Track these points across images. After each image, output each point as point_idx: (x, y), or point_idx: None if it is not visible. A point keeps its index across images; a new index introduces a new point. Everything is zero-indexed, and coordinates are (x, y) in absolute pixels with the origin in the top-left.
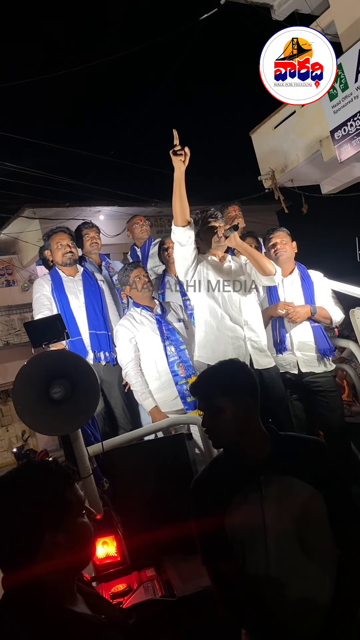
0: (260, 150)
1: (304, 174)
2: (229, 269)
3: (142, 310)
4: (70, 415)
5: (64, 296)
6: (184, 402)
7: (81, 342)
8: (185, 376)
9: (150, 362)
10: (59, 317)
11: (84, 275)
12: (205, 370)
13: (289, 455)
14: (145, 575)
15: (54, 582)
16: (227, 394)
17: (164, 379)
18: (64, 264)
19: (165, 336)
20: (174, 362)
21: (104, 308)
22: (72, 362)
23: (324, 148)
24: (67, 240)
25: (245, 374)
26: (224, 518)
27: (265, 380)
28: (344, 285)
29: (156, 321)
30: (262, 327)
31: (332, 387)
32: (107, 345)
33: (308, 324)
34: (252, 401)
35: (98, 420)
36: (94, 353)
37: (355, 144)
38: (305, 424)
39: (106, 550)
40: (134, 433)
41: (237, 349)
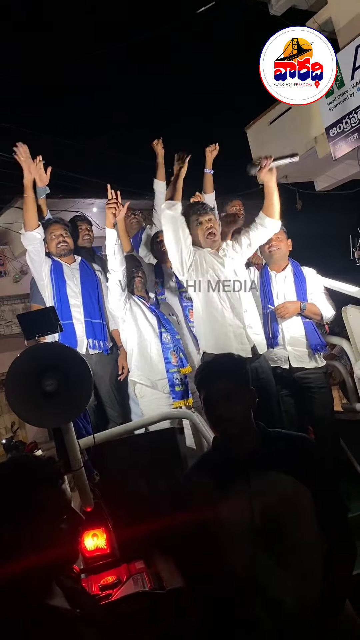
0: (255, 145)
1: (298, 170)
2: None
3: (137, 298)
4: (63, 407)
5: (61, 279)
6: (172, 390)
7: (71, 326)
8: (177, 365)
9: (145, 345)
10: (52, 309)
11: (81, 264)
12: (212, 360)
13: (278, 451)
14: (135, 568)
15: (29, 578)
16: (240, 383)
17: (156, 363)
18: (59, 254)
19: (162, 324)
20: (168, 349)
21: (100, 297)
22: (65, 354)
23: (319, 145)
24: (61, 231)
25: (246, 365)
26: (212, 512)
27: (259, 375)
28: (337, 283)
29: (151, 310)
30: (256, 313)
31: (323, 384)
32: (102, 334)
33: (300, 320)
34: (254, 392)
35: (89, 413)
36: (88, 341)
37: (350, 141)
38: (295, 420)
39: (96, 543)
40: (126, 426)
41: (239, 336)
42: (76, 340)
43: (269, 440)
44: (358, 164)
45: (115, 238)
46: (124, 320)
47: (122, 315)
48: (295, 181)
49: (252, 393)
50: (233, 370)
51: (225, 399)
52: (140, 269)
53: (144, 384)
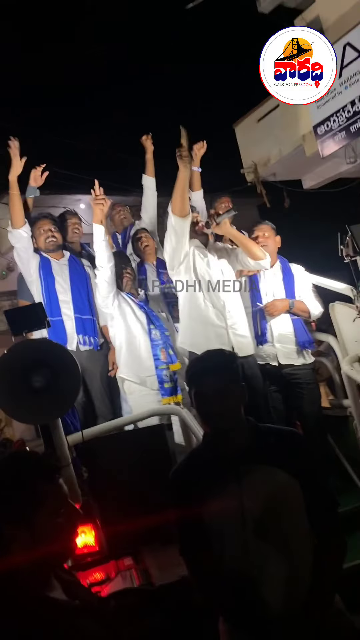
0: (244, 143)
1: (286, 168)
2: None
3: (126, 295)
4: (51, 404)
5: (50, 276)
6: (160, 386)
7: (61, 323)
8: (166, 362)
9: (133, 342)
10: (40, 305)
11: (70, 259)
12: (203, 355)
13: (268, 446)
14: (123, 564)
15: (28, 571)
16: (231, 379)
17: (144, 359)
18: (47, 249)
19: (150, 320)
20: (157, 346)
21: (90, 293)
22: (53, 350)
23: (307, 143)
24: (49, 226)
25: (237, 361)
26: (202, 508)
27: (246, 372)
28: (324, 280)
29: (140, 306)
30: (242, 313)
31: (311, 380)
32: (93, 330)
33: (288, 317)
34: (244, 388)
35: (78, 409)
36: (78, 337)
37: (338, 139)
38: (283, 416)
39: (84, 540)
40: (114, 423)
41: (220, 337)
42: (66, 337)
43: (259, 435)
44: (346, 162)
45: (104, 234)
46: (112, 317)
47: (110, 312)
48: (283, 179)
49: (243, 389)
50: (224, 366)
51: (216, 394)
52: (130, 265)
53: (133, 381)
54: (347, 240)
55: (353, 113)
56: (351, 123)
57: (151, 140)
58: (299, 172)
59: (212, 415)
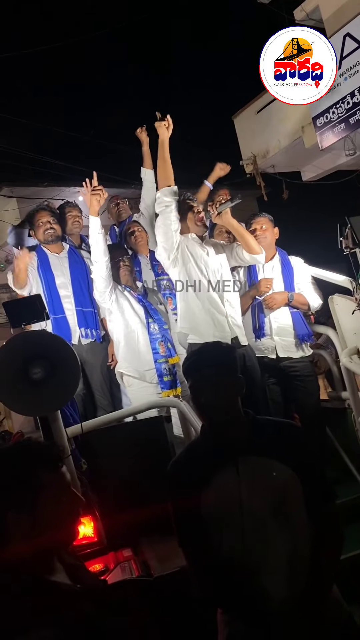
0: (243, 135)
1: (285, 160)
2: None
3: (124, 288)
4: (50, 396)
5: (50, 273)
6: (160, 380)
7: (65, 320)
8: (165, 355)
9: (132, 336)
10: (38, 297)
11: (69, 252)
12: (200, 348)
13: (265, 438)
14: (122, 556)
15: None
16: (227, 371)
17: (143, 353)
18: (46, 240)
19: (149, 314)
20: (156, 339)
21: (91, 285)
22: (52, 342)
23: (306, 135)
24: (48, 217)
25: (235, 353)
26: (200, 499)
27: (246, 363)
28: (324, 272)
29: (138, 300)
30: (239, 303)
31: (309, 372)
32: (94, 322)
33: (287, 310)
34: (242, 381)
35: (77, 401)
36: (80, 331)
37: (337, 131)
38: (282, 408)
39: (83, 531)
40: (113, 415)
41: (220, 323)
42: (70, 332)
43: (256, 428)
44: (345, 154)
45: (99, 226)
46: (110, 312)
47: (108, 307)
48: (282, 171)
49: (240, 381)
50: (220, 359)
51: (212, 386)
52: (128, 257)
53: (132, 375)
54: (347, 232)
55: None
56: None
57: (146, 132)
58: (298, 164)
59: (208, 408)
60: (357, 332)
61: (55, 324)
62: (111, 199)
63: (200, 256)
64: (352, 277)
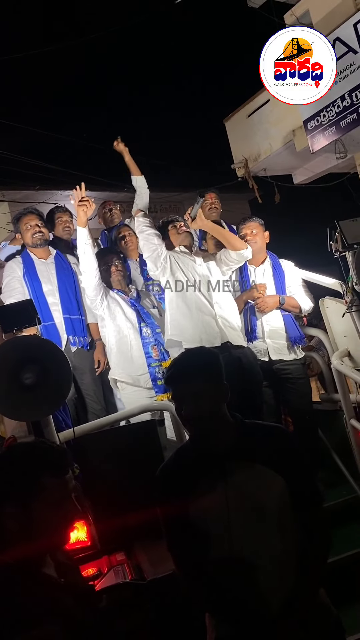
0: (234, 138)
1: (276, 163)
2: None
3: (117, 292)
4: (42, 401)
5: (36, 280)
6: (154, 384)
7: (54, 327)
8: (159, 359)
9: (125, 342)
10: (30, 302)
11: (56, 258)
12: (180, 357)
13: (253, 443)
14: (116, 560)
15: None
16: (208, 380)
17: (136, 358)
18: (34, 244)
19: (141, 318)
20: (148, 343)
21: (78, 292)
22: (44, 347)
23: (297, 138)
24: (36, 221)
25: (218, 359)
26: (188, 504)
27: (243, 364)
28: (314, 275)
29: (131, 304)
30: (233, 306)
31: (301, 375)
32: (82, 330)
33: (279, 312)
34: (225, 387)
35: (69, 406)
36: (68, 338)
37: (328, 134)
38: (274, 410)
39: (76, 535)
40: (105, 419)
41: (207, 325)
42: (59, 338)
43: (244, 432)
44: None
45: (86, 237)
46: (102, 318)
47: (100, 313)
48: (274, 174)
49: (223, 388)
50: (201, 369)
51: (193, 397)
52: (120, 261)
53: (125, 381)
54: (336, 236)
55: (343, 108)
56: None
57: (122, 143)
58: (290, 167)
59: (189, 419)
60: (348, 335)
61: (44, 332)
62: (104, 204)
63: (188, 263)
64: (342, 280)
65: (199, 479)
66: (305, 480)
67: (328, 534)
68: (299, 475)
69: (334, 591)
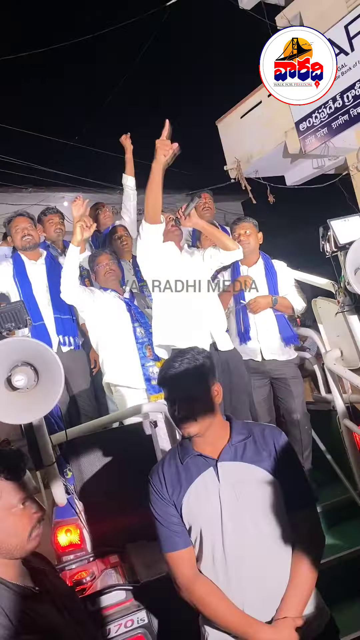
0: (227, 140)
1: (269, 164)
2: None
3: (110, 292)
4: (33, 403)
5: (26, 280)
6: (148, 384)
7: (44, 327)
8: (152, 359)
9: (118, 342)
10: (21, 304)
11: (47, 259)
12: (172, 358)
13: (245, 443)
14: (109, 562)
15: None
16: (200, 381)
17: (130, 359)
18: (24, 247)
19: (135, 318)
20: (142, 343)
21: None
22: (35, 349)
23: (289, 139)
24: (26, 224)
25: (210, 359)
26: (181, 505)
27: (230, 367)
28: (306, 275)
29: (125, 303)
30: (221, 311)
31: (295, 375)
32: (72, 330)
33: (272, 313)
34: (218, 387)
35: (61, 408)
36: (59, 338)
37: (320, 136)
38: (267, 411)
39: (69, 538)
40: (98, 421)
41: (198, 329)
42: (49, 339)
43: (236, 433)
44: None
45: (77, 256)
46: (95, 319)
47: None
48: (266, 175)
49: (215, 388)
50: (192, 370)
51: (184, 400)
52: (114, 261)
53: (119, 385)
54: (328, 236)
55: (335, 109)
56: (333, 119)
57: (130, 140)
58: (282, 169)
59: (181, 421)
60: (341, 335)
61: (34, 332)
62: (96, 205)
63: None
64: (335, 280)
65: (191, 480)
66: (298, 480)
67: (321, 535)
68: (292, 475)
69: (328, 590)
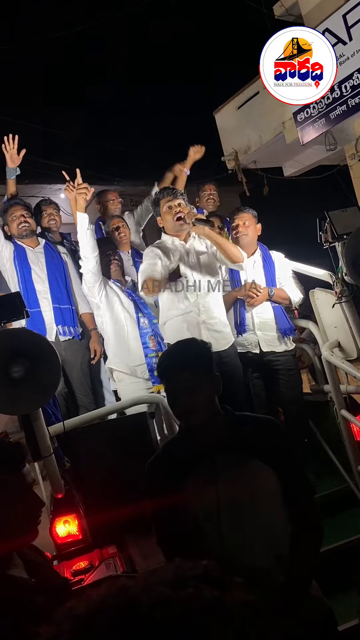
0: (224, 130)
1: (266, 155)
2: (193, 249)
3: (114, 282)
4: (31, 394)
5: (27, 266)
6: (151, 375)
7: (39, 314)
8: (156, 349)
9: (122, 332)
10: (18, 294)
11: (45, 247)
12: (171, 349)
13: (243, 435)
14: (107, 553)
15: None
16: (199, 372)
17: (134, 348)
18: (21, 235)
19: (139, 308)
20: (146, 334)
21: (68, 281)
22: (33, 340)
23: (287, 130)
24: (22, 211)
25: (209, 351)
26: (178, 498)
27: (224, 361)
28: (304, 266)
29: (128, 294)
30: (221, 309)
31: (292, 366)
32: (72, 319)
33: (269, 304)
34: (217, 379)
35: (59, 400)
36: (57, 328)
37: (318, 126)
38: (265, 402)
39: (67, 529)
40: (96, 412)
41: (192, 328)
42: (45, 328)
43: (235, 424)
44: (326, 149)
45: (87, 223)
46: (99, 307)
47: (97, 302)
48: (264, 166)
49: (216, 380)
50: (193, 361)
51: (185, 390)
52: (117, 252)
53: (122, 371)
54: (326, 227)
55: (332, 100)
56: (331, 110)
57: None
58: (280, 160)
59: (182, 411)
60: (338, 326)
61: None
62: (104, 192)
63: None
64: (332, 271)
65: (189, 472)
66: (296, 472)
67: (320, 526)
68: (290, 467)
69: (327, 580)
